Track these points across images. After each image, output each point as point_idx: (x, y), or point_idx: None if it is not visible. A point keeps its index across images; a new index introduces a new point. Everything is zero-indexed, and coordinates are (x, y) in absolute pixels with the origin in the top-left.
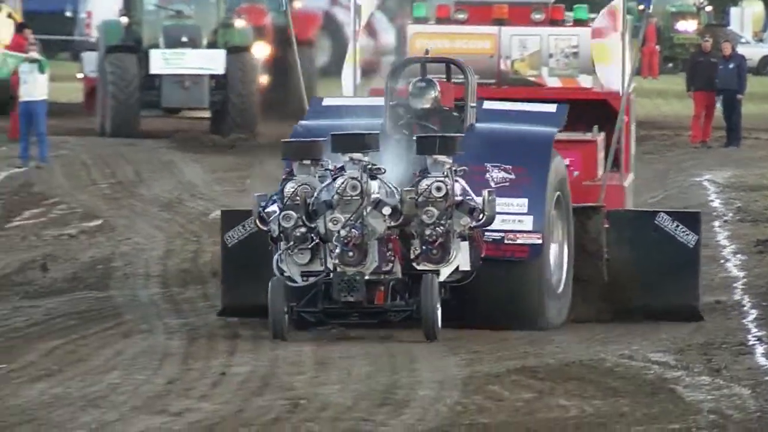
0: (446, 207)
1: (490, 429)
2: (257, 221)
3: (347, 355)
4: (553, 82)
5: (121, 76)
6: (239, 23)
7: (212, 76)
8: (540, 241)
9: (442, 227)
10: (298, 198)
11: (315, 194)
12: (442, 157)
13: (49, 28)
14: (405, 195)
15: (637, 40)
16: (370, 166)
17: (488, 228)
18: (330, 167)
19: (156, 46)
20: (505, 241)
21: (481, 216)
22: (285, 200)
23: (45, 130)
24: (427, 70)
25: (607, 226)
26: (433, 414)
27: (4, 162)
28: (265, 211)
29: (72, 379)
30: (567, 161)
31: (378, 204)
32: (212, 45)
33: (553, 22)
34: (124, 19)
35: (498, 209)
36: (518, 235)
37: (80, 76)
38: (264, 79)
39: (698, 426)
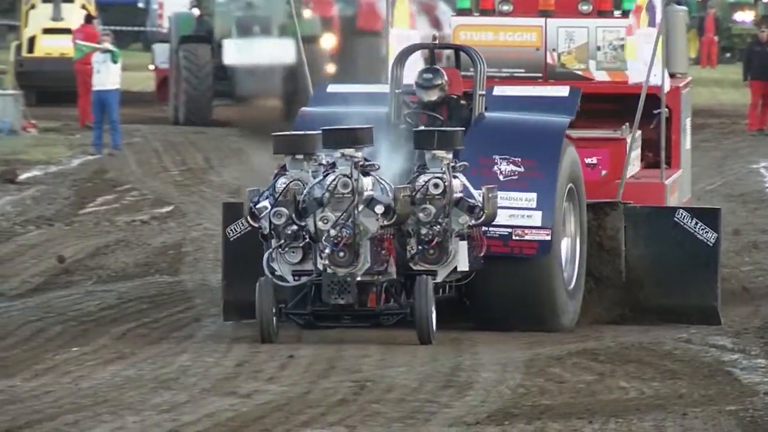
0: (444, 204)
1: (552, 410)
2: (248, 217)
3: (412, 339)
4: (601, 76)
5: (195, 66)
6: (307, 14)
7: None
8: (549, 238)
9: (439, 226)
10: (289, 194)
11: (305, 191)
12: (440, 152)
13: (122, 19)
14: (399, 193)
15: (694, 30)
16: (363, 163)
17: (496, 224)
18: (323, 162)
19: (227, 36)
20: (513, 238)
21: (481, 214)
22: (276, 196)
23: (118, 118)
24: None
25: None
26: (496, 396)
27: (77, 149)
28: (256, 207)
29: (144, 361)
30: (595, 159)
31: (370, 202)
32: (281, 35)
33: (601, 12)
34: (196, 11)
35: (506, 204)
36: (526, 231)
37: (151, 67)
38: (331, 69)
39: (755, 408)
